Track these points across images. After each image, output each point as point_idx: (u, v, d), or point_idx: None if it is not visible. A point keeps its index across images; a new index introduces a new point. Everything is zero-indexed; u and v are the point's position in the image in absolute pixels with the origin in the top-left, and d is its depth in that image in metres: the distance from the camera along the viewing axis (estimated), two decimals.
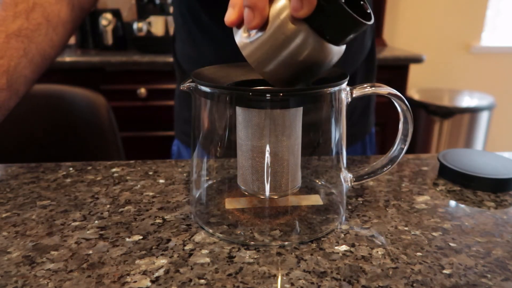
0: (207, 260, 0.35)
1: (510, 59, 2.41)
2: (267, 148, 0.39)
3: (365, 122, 0.79)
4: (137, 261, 0.35)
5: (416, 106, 2.09)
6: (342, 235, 0.39)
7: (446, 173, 0.52)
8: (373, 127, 0.82)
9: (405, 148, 0.42)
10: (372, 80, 0.79)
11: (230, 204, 0.44)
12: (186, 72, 0.73)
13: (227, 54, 0.65)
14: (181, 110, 0.79)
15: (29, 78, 0.52)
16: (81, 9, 0.58)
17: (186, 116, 0.77)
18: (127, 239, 0.38)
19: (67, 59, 1.60)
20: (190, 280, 0.32)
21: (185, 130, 0.78)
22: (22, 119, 0.44)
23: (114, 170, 0.54)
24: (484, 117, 2.08)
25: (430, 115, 2.08)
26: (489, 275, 0.33)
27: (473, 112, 2.06)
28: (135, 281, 0.32)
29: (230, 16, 0.34)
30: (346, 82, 0.39)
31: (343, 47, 0.36)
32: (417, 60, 1.73)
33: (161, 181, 0.51)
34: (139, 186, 0.50)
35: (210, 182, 0.50)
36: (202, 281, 0.32)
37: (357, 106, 0.76)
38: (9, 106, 0.49)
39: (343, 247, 0.37)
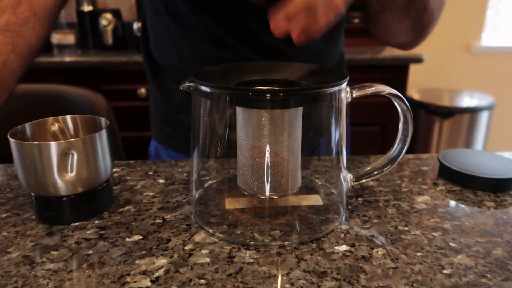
0: (207, 260, 0.35)
1: (510, 59, 2.41)
2: (267, 148, 0.39)
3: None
4: (137, 261, 0.35)
5: (416, 106, 2.09)
6: (342, 235, 0.39)
7: (446, 173, 0.52)
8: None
9: (405, 148, 0.42)
10: None
11: (230, 204, 0.44)
12: (161, 66, 0.70)
13: (206, 48, 0.64)
14: (158, 110, 0.77)
15: (18, 72, 0.52)
16: None
17: (163, 115, 0.76)
18: (127, 239, 0.38)
19: (67, 59, 1.59)
20: (190, 280, 0.32)
21: (164, 129, 0.76)
22: (22, 119, 0.44)
23: (114, 170, 0.54)
24: (484, 117, 2.08)
25: (430, 115, 2.08)
26: (489, 275, 0.33)
27: (473, 112, 2.06)
28: (135, 281, 0.32)
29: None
30: (346, 82, 0.39)
31: None
32: (417, 60, 1.73)
33: (161, 181, 0.51)
34: (139, 186, 0.49)
35: (210, 182, 0.50)
36: (202, 281, 0.32)
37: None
38: (0, 101, 0.50)
39: (343, 247, 0.37)
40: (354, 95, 0.40)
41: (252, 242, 0.37)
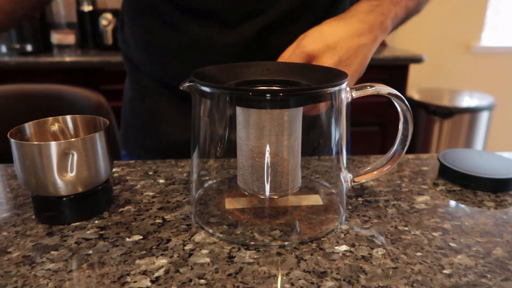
0: (207, 260, 0.35)
1: (510, 59, 2.41)
2: (267, 148, 0.39)
3: None
4: (137, 261, 0.35)
5: (416, 106, 2.09)
6: (342, 235, 0.39)
7: (446, 173, 0.52)
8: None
9: (405, 148, 0.42)
10: None
11: (230, 204, 0.44)
12: (137, 64, 0.66)
13: (187, 40, 0.59)
14: (133, 117, 0.69)
15: (7, 10, 0.51)
16: None
17: (140, 124, 0.67)
18: (127, 239, 0.38)
19: (67, 59, 1.60)
20: (190, 280, 0.32)
21: (140, 141, 0.68)
22: (22, 119, 0.44)
23: (114, 170, 0.54)
24: (484, 117, 2.08)
25: (430, 115, 2.08)
26: (489, 275, 0.33)
27: (473, 112, 2.06)
28: (135, 281, 0.32)
29: None
30: (346, 82, 0.39)
31: None
32: (417, 60, 1.73)
33: (161, 181, 0.51)
34: (139, 186, 0.49)
35: (210, 182, 0.50)
36: (202, 281, 0.32)
37: None
38: None
39: (343, 247, 0.37)
40: (354, 95, 0.40)
41: (252, 242, 0.37)
